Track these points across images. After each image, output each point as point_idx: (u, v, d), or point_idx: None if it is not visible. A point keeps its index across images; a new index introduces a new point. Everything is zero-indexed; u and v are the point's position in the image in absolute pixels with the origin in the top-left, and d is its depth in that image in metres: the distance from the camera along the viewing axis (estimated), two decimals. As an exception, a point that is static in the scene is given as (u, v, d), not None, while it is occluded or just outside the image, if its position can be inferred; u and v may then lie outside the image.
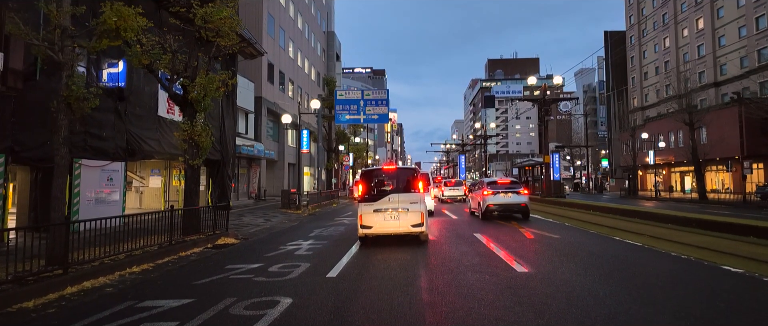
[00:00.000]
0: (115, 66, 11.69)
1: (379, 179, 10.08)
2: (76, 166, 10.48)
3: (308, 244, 10.11)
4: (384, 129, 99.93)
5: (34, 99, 9.21)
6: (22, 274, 5.83)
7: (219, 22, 10.60)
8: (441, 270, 6.95)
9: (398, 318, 4.51)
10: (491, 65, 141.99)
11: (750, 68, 36.87)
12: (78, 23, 7.69)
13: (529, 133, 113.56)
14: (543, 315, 4.50)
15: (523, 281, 6.05)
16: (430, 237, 10.53)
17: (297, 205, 21.15)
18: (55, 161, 6.97)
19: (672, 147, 40.71)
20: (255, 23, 27.60)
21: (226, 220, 11.79)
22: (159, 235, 8.74)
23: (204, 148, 10.74)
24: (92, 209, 10.78)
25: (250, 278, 6.58)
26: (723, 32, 41.10)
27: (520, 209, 15.32)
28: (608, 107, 64.98)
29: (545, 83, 30.72)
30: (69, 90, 6.95)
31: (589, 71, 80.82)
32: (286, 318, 4.59)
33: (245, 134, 26.51)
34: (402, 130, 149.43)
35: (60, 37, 7.07)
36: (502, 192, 15.30)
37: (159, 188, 19.09)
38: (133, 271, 7.20)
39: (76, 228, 7.01)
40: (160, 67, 10.01)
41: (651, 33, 53.60)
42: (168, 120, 14.05)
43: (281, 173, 33.33)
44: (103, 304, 5.29)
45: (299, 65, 38.68)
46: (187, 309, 5.00)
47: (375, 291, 5.69)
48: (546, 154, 28.83)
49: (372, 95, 25.78)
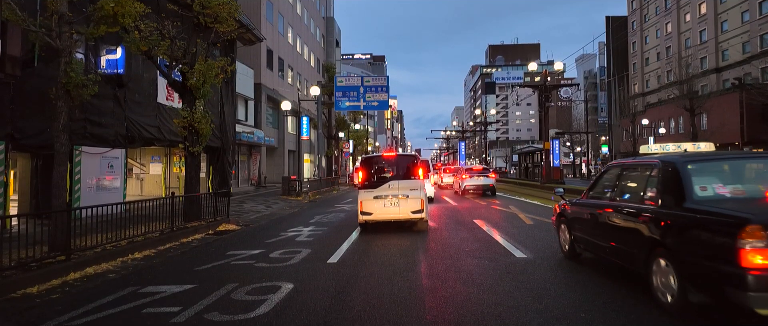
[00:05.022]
0: (114, 53, 11.63)
1: (379, 165, 10.09)
2: (77, 153, 10.49)
3: (309, 230, 10.17)
4: (384, 116, 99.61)
5: (33, 86, 9.17)
6: (26, 260, 5.88)
7: (217, 7, 10.51)
8: (441, 255, 7.00)
9: (398, 303, 4.56)
10: (492, 51, 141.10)
11: (752, 54, 36.65)
12: (75, 9, 7.61)
13: (529, 119, 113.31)
14: (542, 300, 4.55)
15: (522, 266, 6.10)
16: (430, 223, 10.58)
17: (297, 192, 21.20)
18: (55, 148, 6.98)
19: (672, 133, 40.68)
20: (253, 9, 27.34)
21: (227, 207, 11.83)
22: (160, 222, 8.78)
23: (204, 135, 10.73)
24: (93, 196, 10.82)
25: (251, 263, 6.63)
26: (725, 17, 40.75)
27: (489, 188, 21.41)
28: (609, 93, 64.76)
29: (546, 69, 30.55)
30: (68, 77, 6.93)
31: (590, 57, 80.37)
32: (288, 302, 4.64)
33: (245, 121, 26.47)
34: (402, 117, 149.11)
35: (57, 24, 7.02)
36: (476, 176, 21.59)
37: (160, 175, 19.12)
38: (135, 257, 7.25)
39: (77, 215, 7.04)
40: (159, 54, 9.96)
41: (653, 18, 53.17)
42: (167, 107, 14.02)
43: (281, 160, 33.34)
44: (106, 290, 5.34)
45: (298, 52, 38.44)
46: (189, 294, 5.06)
47: (375, 276, 5.74)
48: (546, 140, 28.77)
49: (372, 81, 25.65)
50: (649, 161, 4.94)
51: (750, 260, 3.24)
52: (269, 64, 30.80)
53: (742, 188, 4.23)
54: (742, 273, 3.24)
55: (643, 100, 52.73)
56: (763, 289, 3.20)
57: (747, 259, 3.25)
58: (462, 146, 62.03)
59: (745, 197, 4.10)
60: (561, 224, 6.76)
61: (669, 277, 3.99)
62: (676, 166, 4.34)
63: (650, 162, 4.86)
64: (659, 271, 4.16)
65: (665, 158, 4.73)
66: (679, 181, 4.18)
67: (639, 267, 4.51)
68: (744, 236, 3.27)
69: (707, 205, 3.86)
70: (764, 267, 3.22)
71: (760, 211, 3.54)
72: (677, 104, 31.82)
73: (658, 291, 4.16)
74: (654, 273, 4.22)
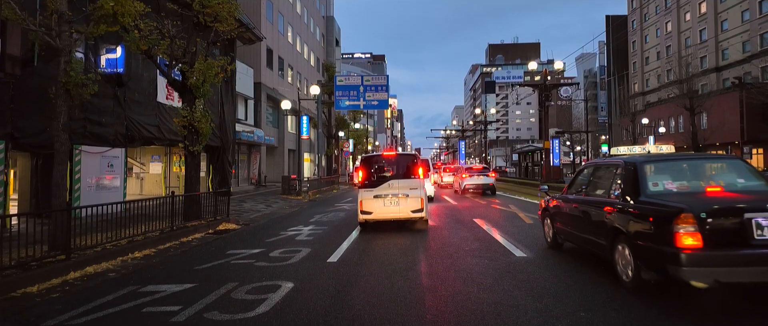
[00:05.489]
0: (114, 52, 11.62)
1: (379, 165, 10.10)
2: (77, 152, 10.49)
3: (309, 229, 10.17)
4: (384, 115, 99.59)
5: (33, 85, 9.17)
6: (26, 259, 5.88)
7: (217, 6, 10.50)
8: (441, 254, 7.00)
9: (398, 302, 4.56)
10: (492, 50, 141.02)
11: (752, 53, 36.63)
12: (75, 8, 7.61)
13: (529, 118, 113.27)
14: (541, 299, 4.55)
15: (522, 265, 6.10)
16: (430, 222, 10.58)
17: (297, 191, 21.20)
18: (55, 147, 6.97)
19: (672, 133, 40.66)
20: (253, 8, 27.31)
21: (227, 206, 11.83)
22: (160, 221, 8.78)
23: (204, 134, 10.73)
24: (93, 195, 10.82)
25: (251, 263, 6.64)
26: (726, 16, 40.73)
27: (489, 187, 21.26)
28: (609, 93, 64.75)
29: (546, 69, 30.49)
30: (67, 76, 6.92)
31: (590, 56, 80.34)
32: (288, 302, 4.65)
33: (245, 120, 26.45)
34: (402, 116, 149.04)
35: (57, 23, 7.02)
36: (476, 175, 21.50)
37: (160, 174, 19.11)
38: (135, 256, 7.25)
39: (77, 214, 7.03)
40: (159, 53, 9.95)
41: (653, 17, 53.14)
42: (167, 106, 14.01)
43: (281, 159, 33.33)
44: (106, 289, 5.35)
45: (298, 51, 38.42)
46: (189, 293, 5.06)
47: (375, 275, 5.74)
48: (546, 140, 28.75)
49: (372, 80, 25.65)
50: (615, 162, 5.67)
51: (683, 241, 3.97)
52: (269, 64, 30.78)
53: (687, 184, 4.92)
54: (678, 253, 3.97)
55: (643, 99, 52.72)
56: (693, 265, 3.93)
57: (681, 241, 3.98)
58: (462, 146, 61.99)
59: (688, 191, 4.79)
60: (545, 218, 7.49)
61: (627, 260, 4.73)
62: (635, 165, 5.06)
63: (616, 162, 5.61)
64: (620, 255, 4.89)
65: (627, 159, 5.45)
66: (637, 178, 4.92)
67: (606, 253, 5.18)
68: (679, 223, 4.01)
69: (656, 198, 4.60)
70: (694, 247, 3.95)
71: (695, 202, 4.21)
72: (677, 103, 31.80)
73: (620, 272, 4.89)
74: (617, 257, 4.96)
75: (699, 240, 3.96)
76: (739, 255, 3.96)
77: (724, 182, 4.90)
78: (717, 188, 4.71)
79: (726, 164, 5.56)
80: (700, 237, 3.96)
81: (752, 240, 3.95)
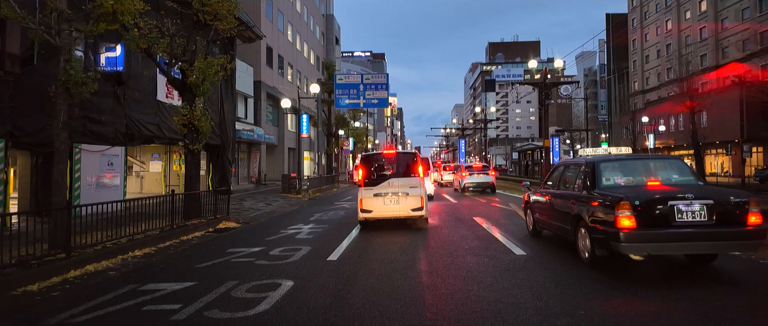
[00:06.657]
0: (113, 50, 11.61)
1: (379, 163, 10.10)
2: (76, 151, 10.48)
3: (309, 228, 10.18)
4: (384, 113, 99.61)
5: (33, 84, 9.16)
6: (26, 258, 5.88)
7: (217, 5, 10.49)
8: (441, 253, 7.01)
9: (398, 300, 4.57)
10: (492, 49, 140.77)
11: (752, 51, 36.59)
12: (74, 6, 7.60)
13: (529, 117, 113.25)
14: (541, 297, 4.56)
15: (521, 264, 6.11)
16: (430, 221, 10.59)
17: (297, 189, 21.20)
18: (55, 146, 6.97)
19: (672, 131, 40.64)
20: (253, 6, 27.28)
21: (227, 204, 11.83)
22: (160, 219, 8.79)
23: (204, 133, 10.73)
24: (93, 193, 10.83)
25: (251, 261, 6.64)
26: (726, 15, 40.68)
27: (489, 186, 21.57)
28: (609, 91, 64.73)
29: (546, 67, 30.44)
30: (67, 75, 6.92)
31: (590, 54, 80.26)
32: (288, 300, 4.65)
33: (245, 118, 26.44)
34: (402, 114, 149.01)
35: (57, 21, 7.01)
36: (476, 174, 21.77)
37: (159, 172, 19.10)
38: (136, 255, 7.26)
39: (77, 213, 7.04)
40: (159, 51, 9.94)
41: (653, 15, 53.07)
42: (167, 105, 14.00)
43: (281, 157, 33.33)
44: (106, 287, 5.35)
45: (298, 49, 38.38)
46: (189, 291, 5.06)
47: (375, 273, 5.75)
48: (546, 138, 28.71)
49: (372, 79, 25.63)
50: (580, 161, 6.76)
51: (622, 223, 4.97)
52: (269, 62, 30.76)
53: (633, 179, 5.90)
54: (618, 232, 4.99)
55: (643, 97, 52.68)
56: (630, 241, 4.97)
57: (620, 223, 4.98)
58: (462, 144, 61.91)
59: (632, 185, 5.76)
60: (527, 209, 8.67)
61: (586, 241, 5.78)
62: (594, 164, 6.11)
63: (580, 161, 6.68)
64: (581, 237, 5.95)
65: (589, 158, 6.57)
66: (594, 175, 5.94)
67: (571, 237, 6.22)
68: (618, 208, 5.01)
69: (606, 190, 5.60)
70: (630, 228, 4.95)
71: (633, 193, 5.20)
72: (677, 101, 31.76)
73: (581, 250, 5.94)
74: (578, 239, 6.02)
75: (633, 222, 4.94)
76: (664, 234, 4.96)
77: (662, 178, 5.84)
78: (656, 182, 5.66)
79: (668, 163, 6.41)
80: (635, 220, 4.94)
81: (674, 222, 4.94)
